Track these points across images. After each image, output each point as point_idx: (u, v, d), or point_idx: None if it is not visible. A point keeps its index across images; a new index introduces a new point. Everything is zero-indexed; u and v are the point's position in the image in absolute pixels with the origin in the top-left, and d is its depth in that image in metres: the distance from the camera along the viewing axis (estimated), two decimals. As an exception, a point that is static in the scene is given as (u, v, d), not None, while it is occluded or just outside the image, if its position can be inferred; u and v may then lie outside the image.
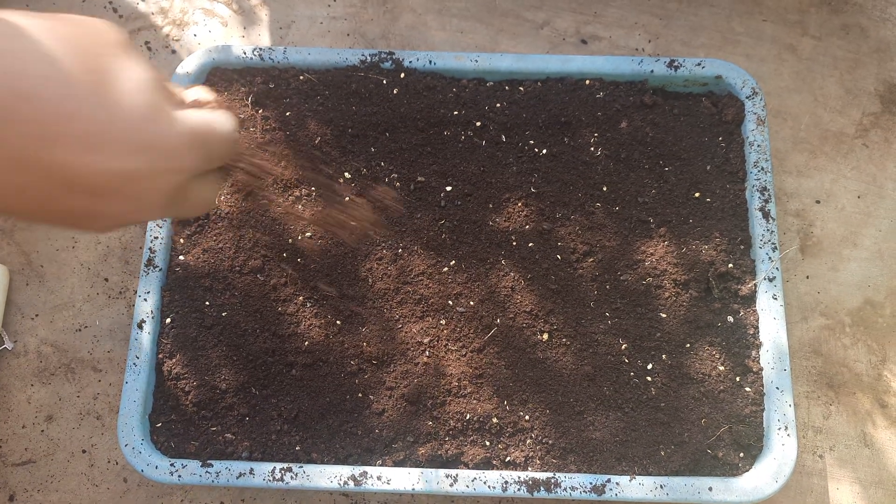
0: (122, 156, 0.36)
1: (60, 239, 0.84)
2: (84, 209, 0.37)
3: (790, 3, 0.92)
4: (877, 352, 0.78)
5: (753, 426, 0.69)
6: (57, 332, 0.80)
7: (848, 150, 0.86)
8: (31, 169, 0.34)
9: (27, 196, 0.35)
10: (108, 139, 0.35)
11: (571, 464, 0.68)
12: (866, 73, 0.89)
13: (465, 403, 0.70)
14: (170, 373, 0.72)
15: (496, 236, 0.75)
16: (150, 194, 0.38)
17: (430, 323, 0.73)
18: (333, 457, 0.69)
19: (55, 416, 0.78)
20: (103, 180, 0.36)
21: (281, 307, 0.73)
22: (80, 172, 0.35)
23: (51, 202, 0.36)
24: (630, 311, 0.73)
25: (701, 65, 0.79)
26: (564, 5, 0.92)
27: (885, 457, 0.75)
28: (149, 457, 0.68)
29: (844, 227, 0.83)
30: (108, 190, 0.36)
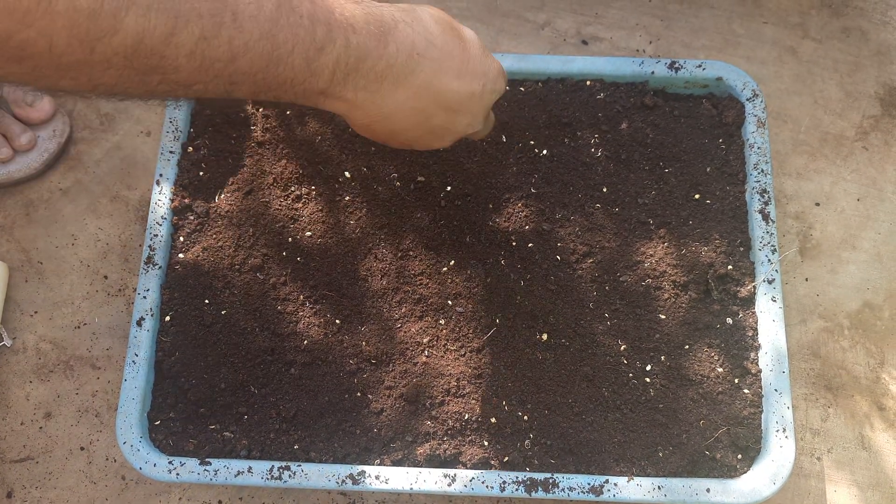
0: (473, 80, 0.57)
1: (60, 236, 0.84)
2: (444, 123, 0.58)
3: (791, 5, 0.92)
4: (875, 354, 0.78)
5: (752, 428, 0.70)
6: (56, 329, 0.80)
7: (848, 152, 0.86)
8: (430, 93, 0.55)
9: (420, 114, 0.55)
10: (466, 70, 0.56)
11: (570, 464, 0.68)
12: (866, 76, 0.89)
13: (464, 403, 0.70)
14: (169, 371, 0.72)
15: (496, 236, 0.75)
16: (479, 110, 0.59)
17: (429, 322, 0.73)
18: (332, 456, 0.69)
19: (54, 414, 0.78)
20: (460, 98, 0.56)
21: (280, 306, 0.73)
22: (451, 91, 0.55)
23: (431, 118, 0.56)
24: (629, 312, 0.73)
25: (701, 66, 0.79)
26: (565, 6, 0.93)
27: (882, 459, 0.75)
28: (147, 455, 0.68)
29: (844, 230, 0.83)
30: (460, 106, 0.57)
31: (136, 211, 0.84)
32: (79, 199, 0.85)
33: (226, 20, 0.42)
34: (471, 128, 0.60)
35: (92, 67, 0.39)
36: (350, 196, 0.77)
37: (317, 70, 0.48)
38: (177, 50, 0.41)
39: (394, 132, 0.57)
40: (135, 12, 0.38)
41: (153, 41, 0.39)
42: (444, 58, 0.54)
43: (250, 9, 0.43)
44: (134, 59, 0.40)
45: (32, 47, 0.36)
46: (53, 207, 0.85)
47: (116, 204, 0.85)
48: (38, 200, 0.85)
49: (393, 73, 0.52)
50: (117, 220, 0.84)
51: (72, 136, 0.87)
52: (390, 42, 0.51)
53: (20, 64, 0.37)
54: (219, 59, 0.43)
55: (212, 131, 0.80)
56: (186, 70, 0.42)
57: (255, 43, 0.44)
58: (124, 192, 0.85)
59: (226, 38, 0.42)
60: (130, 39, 0.39)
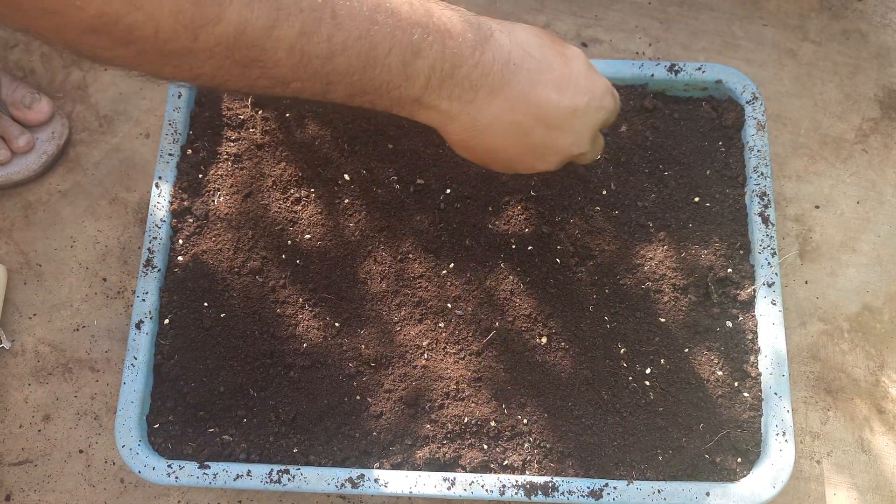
0: (575, 95, 0.54)
1: (59, 238, 0.84)
2: (544, 140, 0.54)
3: (791, 7, 0.92)
4: (875, 357, 0.78)
5: (751, 431, 0.70)
6: (55, 332, 0.80)
7: (847, 155, 0.86)
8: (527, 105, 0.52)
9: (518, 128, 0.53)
10: (567, 84, 0.53)
11: (569, 468, 0.68)
12: (866, 79, 0.89)
13: (464, 407, 0.70)
14: (168, 374, 0.72)
15: (495, 239, 0.75)
16: (585, 128, 0.56)
17: (428, 326, 0.73)
18: (331, 459, 0.69)
19: (52, 416, 0.78)
20: (561, 112, 0.53)
21: (280, 309, 0.73)
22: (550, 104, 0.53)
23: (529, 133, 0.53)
24: (629, 315, 0.73)
25: (701, 69, 0.79)
26: (565, 8, 0.92)
27: (882, 462, 0.75)
28: (146, 458, 0.68)
29: (843, 233, 0.83)
30: (561, 122, 0.54)
31: (134, 213, 0.84)
32: (77, 202, 0.85)
33: (325, 16, 0.43)
34: (575, 147, 0.57)
35: (194, 56, 0.40)
36: (349, 199, 0.77)
37: (412, 74, 0.48)
38: (277, 43, 0.42)
39: (492, 149, 0.55)
40: (239, 2, 0.39)
41: (254, 32, 0.40)
42: (543, 69, 0.53)
43: (350, 7, 0.44)
44: (235, 51, 0.41)
45: (140, 31, 0.38)
46: (52, 210, 0.85)
47: (115, 206, 0.85)
48: (37, 202, 0.85)
49: (488, 81, 0.51)
50: (116, 222, 0.84)
51: (70, 138, 0.87)
52: (486, 50, 0.50)
53: (127, 47, 0.39)
54: (317, 56, 0.44)
55: (211, 134, 0.80)
56: (286, 65, 0.43)
57: (353, 42, 0.44)
58: (123, 195, 0.85)
59: (325, 35, 0.43)
60: (233, 29, 0.40)
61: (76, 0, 0.35)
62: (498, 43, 0.51)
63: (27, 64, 0.90)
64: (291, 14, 0.41)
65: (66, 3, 0.35)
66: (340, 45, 0.44)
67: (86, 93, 0.89)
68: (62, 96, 0.89)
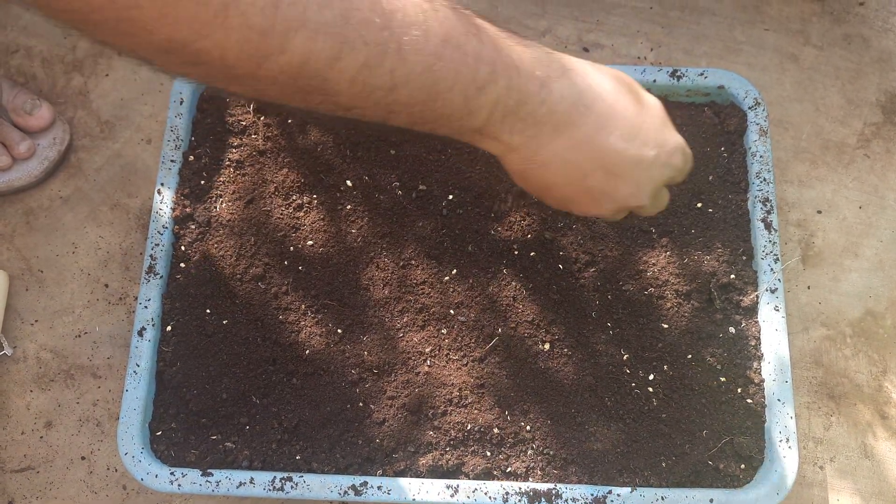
0: (643, 146, 0.52)
1: (60, 244, 0.83)
2: (602, 186, 0.53)
3: (792, 12, 0.92)
4: (878, 363, 0.78)
5: (755, 438, 0.69)
6: (56, 338, 0.80)
7: (849, 160, 0.86)
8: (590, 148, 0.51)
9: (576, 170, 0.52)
10: (637, 134, 0.51)
11: (573, 475, 0.68)
12: (868, 84, 0.89)
13: (466, 413, 0.70)
14: (170, 381, 0.72)
15: (498, 245, 0.75)
16: (647, 181, 0.54)
17: (431, 332, 0.72)
18: (334, 466, 0.69)
19: (54, 423, 0.78)
20: (624, 162, 0.52)
21: (282, 315, 0.73)
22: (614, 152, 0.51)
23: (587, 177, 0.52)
24: (632, 321, 0.73)
25: (703, 75, 0.79)
26: (566, 13, 0.92)
27: (885, 468, 0.75)
28: (149, 465, 0.68)
29: (846, 238, 0.83)
30: (622, 171, 0.52)
31: (136, 219, 0.84)
32: (79, 208, 0.85)
33: (390, 50, 0.42)
34: (633, 200, 0.55)
35: (258, 81, 0.41)
36: (352, 205, 0.77)
37: (474, 109, 0.47)
38: (339, 74, 0.42)
39: (548, 186, 0.54)
40: (304, 34, 0.39)
41: (318, 64, 0.41)
42: (613, 115, 0.51)
43: (416, 41, 0.43)
44: (298, 79, 0.41)
45: (207, 56, 0.39)
46: (54, 216, 0.84)
47: (117, 212, 0.85)
48: (39, 209, 0.85)
49: (553, 120, 0.50)
50: (118, 228, 0.84)
51: (72, 144, 0.87)
52: (555, 89, 0.49)
53: (196, 67, 0.40)
54: (379, 88, 0.44)
55: (213, 140, 0.80)
56: (347, 95, 0.43)
57: (416, 76, 0.44)
58: (125, 200, 0.85)
59: (388, 68, 0.43)
60: (297, 60, 0.40)
61: (147, 25, 0.36)
62: (570, 82, 0.50)
63: (28, 70, 0.90)
64: (356, 47, 0.41)
65: (139, 27, 0.37)
66: (403, 79, 0.44)
67: (87, 98, 0.89)
68: (63, 102, 0.89)
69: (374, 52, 0.42)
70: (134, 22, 0.36)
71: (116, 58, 0.90)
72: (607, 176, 0.52)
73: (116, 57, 0.90)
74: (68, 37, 0.91)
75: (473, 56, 0.46)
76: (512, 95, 0.48)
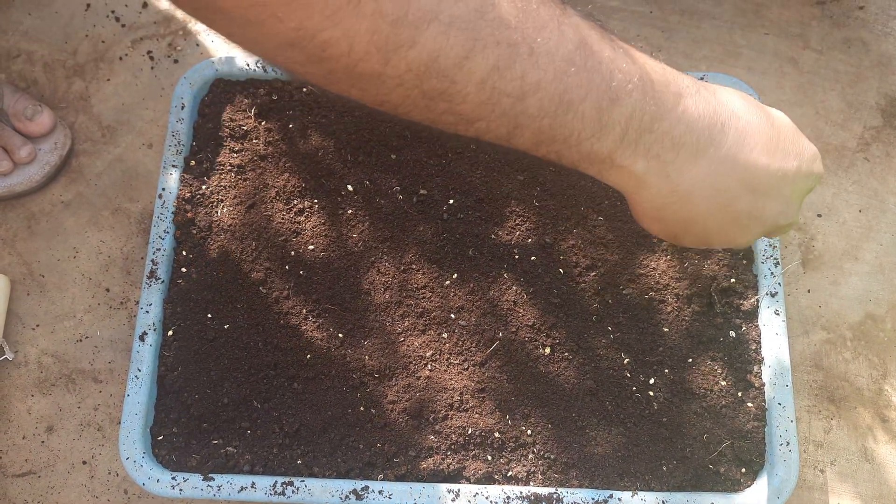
0: (785, 158, 0.49)
1: (61, 249, 0.84)
2: (750, 209, 0.49)
3: (792, 16, 0.92)
4: (878, 366, 0.79)
5: (755, 441, 0.70)
6: (58, 343, 0.80)
7: (849, 163, 0.86)
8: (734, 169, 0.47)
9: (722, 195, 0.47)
10: (776, 147, 0.48)
11: (573, 479, 0.68)
12: (868, 87, 0.89)
13: (467, 418, 0.70)
14: (172, 386, 0.72)
15: (498, 250, 0.75)
16: (794, 195, 0.50)
17: (431, 336, 0.73)
18: (335, 471, 0.69)
19: (56, 427, 0.78)
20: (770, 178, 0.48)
21: (283, 320, 0.73)
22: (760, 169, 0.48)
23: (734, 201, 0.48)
24: (632, 325, 0.73)
25: (703, 79, 0.79)
26: (567, 17, 0.92)
27: (885, 471, 0.75)
28: (150, 470, 0.68)
29: (846, 241, 0.83)
30: (769, 188, 0.48)
31: (137, 223, 0.84)
32: (80, 212, 0.85)
33: (522, 52, 0.40)
34: (783, 217, 0.51)
35: (382, 81, 0.39)
36: (353, 209, 0.77)
37: (607, 123, 0.44)
38: (468, 76, 0.40)
39: (689, 219, 0.49)
40: (436, 27, 0.38)
41: (447, 62, 0.39)
42: (751, 130, 0.48)
43: (549, 45, 0.41)
44: (424, 80, 0.39)
45: (333, 48, 0.37)
46: (55, 220, 0.85)
47: (118, 216, 0.85)
48: (40, 213, 0.85)
49: (692, 139, 0.46)
50: (119, 232, 0.84)
51: (73, 149, 0.87)
52: (690, 105, 0.46)
53: (320, 65, 0.38)
54: (508, 95, 0.41)
55: (214, 144, 0.80)
56: (473, 101, 0.41)
57: (548, 83, 0.41)
58: (126, 205, 0.85)
59: (519, 72, 0.40)
60: (426, 56, 0.38)
61: (278, 11, 0.35)
62: (703, 99, 0.47)
63: (30, 75, 0.90)
64: (487, 46, 0.39)
65: (268, 13, 0.35)
66: (534, 86, 0.41)
67: (88, 103, 0.89)
68: (65, 107, 0.89)
69: (506, 54, 0.40)
70: (265, 7, 0.35)
71: (117, 62, 0.90)
72: (755, 197, 0.48)
73: (117, 61, 0.90)
74: (69, 41, 0.92)
75: (608, 64, 0.43)
76: (647, 109, 0.44)
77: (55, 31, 0.92)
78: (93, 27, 0.92)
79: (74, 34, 0.92)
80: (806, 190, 0.51)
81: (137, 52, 0.91)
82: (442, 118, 0.42)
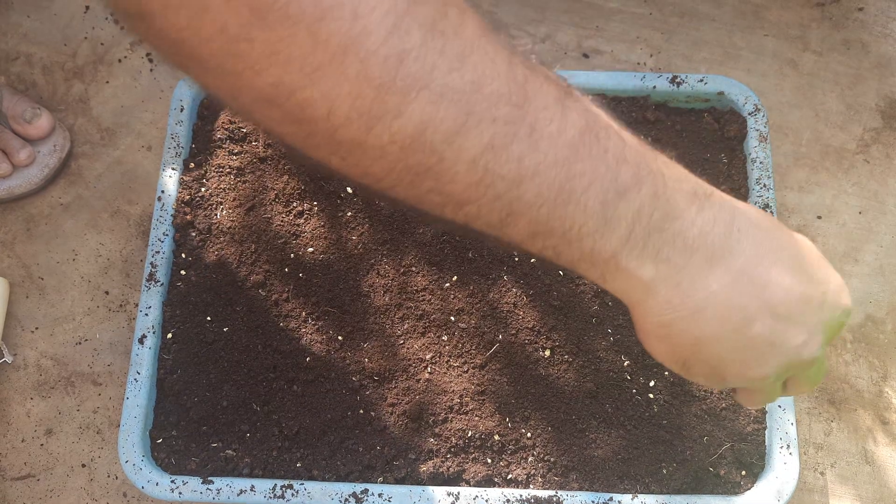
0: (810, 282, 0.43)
1: (60, 251, 0.83)
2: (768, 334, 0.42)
3: (791, 18, 0.92)
4: (878, 368, 0.78)
5: (755, 444, 0.69)
6: (57, 346, 0.80)
7: (849, 165, 0.86)
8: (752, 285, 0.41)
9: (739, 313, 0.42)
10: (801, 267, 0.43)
11: (573, 481, 0.68)
12: (867, 89, 0.89)
13: (467, 420, 0.70)
14: (171, 388, 0.72)
15: (498, 252, 0.75)
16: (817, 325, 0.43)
17: (431, 339, 0.72)
18: (334, 474, 0.69)
19: (55, 430, 0.77)
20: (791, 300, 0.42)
21: (283, 322, 0.73)
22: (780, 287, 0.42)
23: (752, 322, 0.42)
24: (632, 327, 0.72)
25: (703, 81, 0.80)
26: (566, 19, 0.93)
27: (886, 474, 0.75)
28: (149, 473, 0.68)
29: (846, 243, 0.83)
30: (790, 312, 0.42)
31: (137, 226, 0.84)
32: (79, 215, 0.85)
33: (521, 133, 0.36)
34: (806, 350, 0.43)
35: (364, 151, 0.36)
36: (352, 212, 0.77)
37: (612, 219, 0.39)
38: (458, 154, 0.36)
39: (699, 341, 0.42)
40: (425, 97, 0.34)
41: (435, 136, 0.35)
42: (773, 245, 0.42)
43: (551, 128, 0.37)
44: (409, 154, 0.35)
45: (312, 109, 0.34)
46: (54, 223, 0.85)
47: (117, 219, 0.85)
48: (39, 216, 0.85)
49: (706, 244, 0.40)
50: (118, 235, 0.84)
51: (72, 151, 0.87)
52: (706, 207, 0.41)
53: (298, 125, 0.35)
54: (502, 178, 0.37)
55: (213, 147, 0.80)
56: (463, 182, 0.37)
57: (547, 168, 0.37)
58: (125, 207, 0.85)
59: (516, 154, 0.36)
60: (412, 127, 0.35)
61: (255, 64, 0.33)
62: (719, 203, 0.41)
63: (28, 77, 0.90)
64: (482, 121, 0.35)
65: (245, 65, 0.33)
66: (531, 170, 0.37)
67: (87, 105, 0.89)
68: (64, 109, 0.89)
69: (503, 133, 0.36)
70: (242, 58, 0.32)
71: (117, 65, 0.90)
72: (775, 321, 0.42)
73: (117, 64, 0.90)
74: (68, 44, 0.92)
75: (615, 154, 0.39)
76: (658, 206, 0.39)
77: (54, 34, 0.92)
78: (92, 29, 0.92)
79: (73, 36, 0.92)
80: (833, 325, 0.45)
81: (137, 54, 0.91)
82: (428, 197, 0.38)
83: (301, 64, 0.32)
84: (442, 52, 0.34)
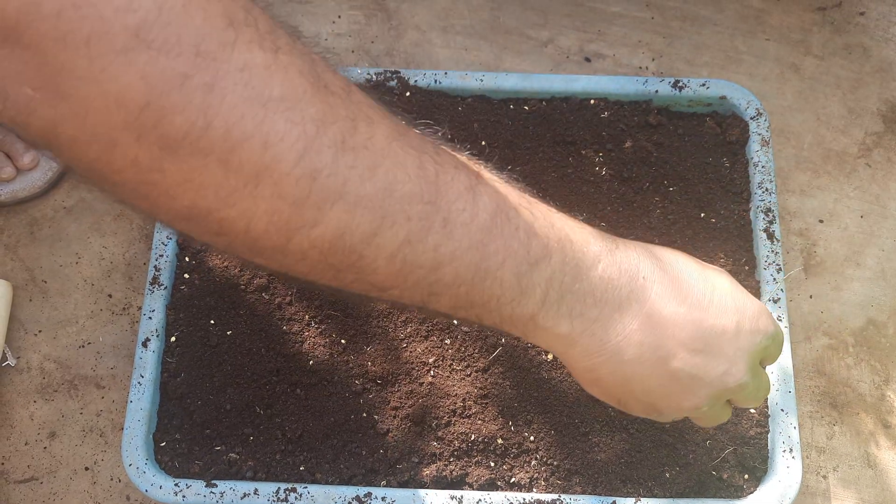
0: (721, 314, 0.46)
1: (64, 255, 0.84)
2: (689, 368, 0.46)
3: (793, 22, 0.93)
4: (880, 372, 0.79)
5: (758, 448, 0.70)
6: (60, 349, 0.80)
7: (851, 169, 0.86)
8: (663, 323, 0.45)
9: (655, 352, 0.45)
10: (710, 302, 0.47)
11: (576, 485, 0.68)
12: (869, 93, 0.89)
13: (470, 424, 0.70)
14: (174, 392, 0.72)
15: (501, 256, 0.75)
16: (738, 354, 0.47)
17: (434, 342, 0.73)
18: (337, 477, 0.69)
19: (58, 433, 0.78)
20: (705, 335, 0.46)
21: (286, 326, 0.73)
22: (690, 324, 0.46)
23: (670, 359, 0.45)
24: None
25: (705, 85, 0.80)
26: (568, 23, 0.93)
27: (888, 477, 0.75)
28: (153, 477, 0.68)
29: (847, 247, 0.83)
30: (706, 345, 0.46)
31: (140, 229, 0.84)
32: (83, 218, 0.85)
33: (435, 225, 0.39)
34: (730, 378, 0.47)
35: (286, 255, 0.37)
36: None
37: (527, 288, 0.42)
38: (377, 251, 0.38)
39: (626, 379, 0.46)
40: (340, 207, 0.36)
41: (353, 239, 0.37)
42: (680, 284, 0.46)
43: (463, 216, 0.39)
44: (330, 255, 0.37)
45: (230, 225, 0.35)
46: (58, 226, 0.85)
47: (120, 222, 0.85)
48: (42, 219, 0.85)
49: (615, 296, 0.44)
50: (122, 238, 0.84)
51: (76, 155, 0.87)
52: (612, 262, 0.45)
53: (217, 238, 0.37)
54: (421, 266, 0.39)
55: (217, 151, 0.80)
56: (384, 273, 0.39)
57: (462, 252, 0.40)
58: (128, 211, 0.85)
59: (432, 244, 0.39)
60: (330, 234, 0.36)
61: (170, 190, 0.34)
62: (625, 254, 0.46)
63: (32, 80, 0.90)
64: (397, 222, 0.37)
65: (159, 191, 0.34)
66: (448, 256, 0.40)
67: (91, 109, 0.89)
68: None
69: (418, 228, 0.38)
70: (156, 186, 0.33)
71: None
72: (692, 355, 0.46)
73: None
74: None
75: (525, 231, 0.42)
76: (567, 271, 0.43)
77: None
78: (95, 33, 0.92)
79: (77, 40, 0.92)
80: (756, 349, 0.48)
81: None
82: (352, 286, 0.40)
83: (215, 189, 0.34)
84: (353, 166, 0.35)
